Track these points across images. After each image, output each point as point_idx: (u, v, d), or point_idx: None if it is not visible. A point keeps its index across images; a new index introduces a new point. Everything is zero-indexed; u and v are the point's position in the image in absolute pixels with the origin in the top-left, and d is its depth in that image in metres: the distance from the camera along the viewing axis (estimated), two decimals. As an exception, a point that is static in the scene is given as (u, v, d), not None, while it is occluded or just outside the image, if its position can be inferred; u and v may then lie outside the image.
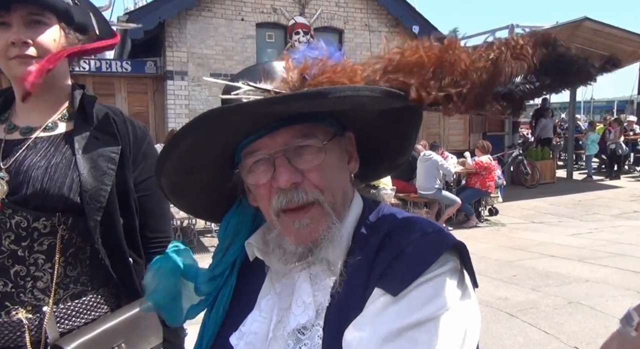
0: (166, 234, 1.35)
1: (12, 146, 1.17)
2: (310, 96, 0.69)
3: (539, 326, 3.79)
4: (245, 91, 0.73)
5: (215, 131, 0.73)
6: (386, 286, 0.69)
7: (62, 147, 1.19)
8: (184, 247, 0.93)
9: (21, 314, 1.12)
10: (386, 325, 0.66)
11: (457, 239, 0.74)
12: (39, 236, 1.13)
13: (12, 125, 1.21)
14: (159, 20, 8.56)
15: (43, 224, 1.13)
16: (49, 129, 1.21)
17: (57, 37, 1.15)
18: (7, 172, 1.13)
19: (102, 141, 1.21)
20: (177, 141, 0.73)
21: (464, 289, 0.73)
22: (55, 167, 1.15)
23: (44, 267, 1.14)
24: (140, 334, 1.20)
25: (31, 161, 1.15)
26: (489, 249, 6.25)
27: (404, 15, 10.09)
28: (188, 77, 9.04)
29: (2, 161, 1.14)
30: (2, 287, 1.11)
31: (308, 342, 0.73)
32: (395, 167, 0.97)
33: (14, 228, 1.11)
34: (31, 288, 1.13)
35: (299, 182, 0.75)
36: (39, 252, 1.13)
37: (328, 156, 0.77)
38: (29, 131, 1.20)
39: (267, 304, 0.81)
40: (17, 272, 1.12)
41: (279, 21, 9.60)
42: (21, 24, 1.11)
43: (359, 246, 0.76)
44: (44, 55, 1.13)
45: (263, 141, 0.76)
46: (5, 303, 1.11)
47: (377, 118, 0.81)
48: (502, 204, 8.91)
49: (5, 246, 1.11)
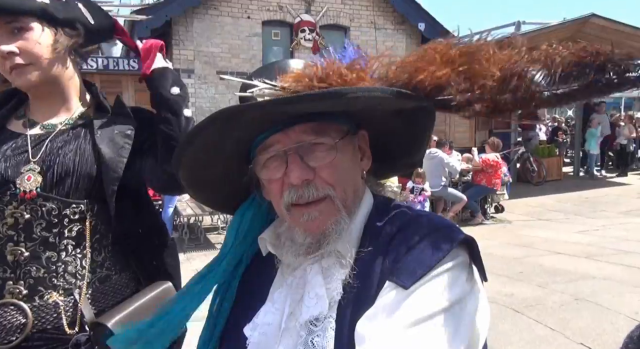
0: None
1: (37, 140, 1.22)
2: (325, 96, 0.71)
3: (545, 323, 3.80)
4: (261, 89, 0.75)
5: (231, 127, 0.75)
6: (398, 280, 0.70)
7: (83, 136, 1.26)
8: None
9: (55, 297, 1.18)
10: (398, 318, 0.68)
11: (467, 235, 0.76)
12: (69, 223, 1.20)
13: (31, 121, 1.26)
14: (165, 18, 8.60)
15: (72, 210, 1.20)
16: (68, 125, 1.27)
17: (41, 39, 1.16)
18: (37, 164, 1.19)
19: (119, 120, 1.29)
20: (194, 135, 0.76)
21: (474, 283, 0.75)
22: (81, 151, 1.22)
23: (73, 252, 1.21)
24: None
25: (59, 152, 1.21)
26: (495, 246, 6.24)
27: (410, 12, 10.06)
28: (195, 75, 9.08)
29: (32, 153, 1.19)
30: (35, 272, 1.17)
31: (320, 333, 0.75)
32: (411, 166, 0.99)
33: (46, 215, 1.17)
34: (62, 273, 1.19)
35: (310, 179, 0.77)
36: (68, 238, 1.20)
37: (340, 154, 0.79)
38: (50, 127, 1.26)
39: (280, 296, 0.83)
40: (48, 258, 1.18)
41: (285, 19, 9.60)
42: (3, 34, 1.13)
43: (371, 241, 0.78)
44: (34, 60, 1.15)
45: (277, 138, 0.78)
46: (39, 287, 1.18)
47: (391, 117, 0.83)
48: (508, 201, 8.89)
49: (37, 233, 1.17)
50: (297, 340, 0.76)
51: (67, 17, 1.20)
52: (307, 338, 0.75)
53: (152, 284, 1.31)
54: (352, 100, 0.70)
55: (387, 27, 10.23)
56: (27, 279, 1.17)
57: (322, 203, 0.78)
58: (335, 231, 0.78)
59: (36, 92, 1.25)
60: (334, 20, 9.90)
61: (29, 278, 1.17)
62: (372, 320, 0.70)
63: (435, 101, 0.77)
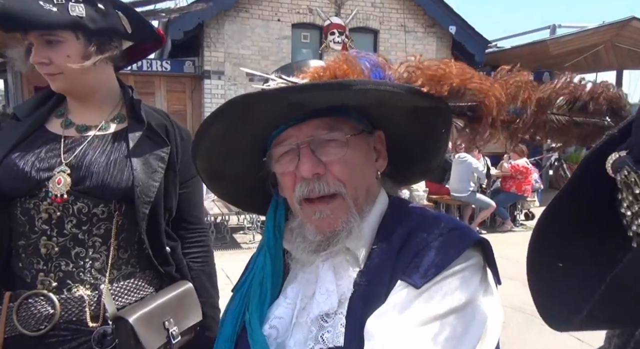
0: (202, 224, 1.52)
1: (70, 143, 1.28)
2: (332, 87, 0.72)
3: (574, 334, 3.69)
4: (277, 83, 0.77)
5: (244, 118, 0.76)
6: (409, 279, 0.71)
7: (117, 144, 1.29)
8: None
9: (82, 291, 1.24)
10: (408, 316, 0.68)
11: (481, 236, 0.76)
12: (98, 221, 1.25)
13: (68, 120, 1.32)
14: (198, 21, 8.77)
15: (101, 210, 1.25)
16: (103, 129, 1.32)
17: (71, 52, 1.21)
18: (69, 166, 1.24)
19: (154, 141, 1.32)
20: (208, 124, 0.78)
21: (487, 285, 0.74)
22: (113, 164, 1.26)
23: (100, 249, 1.26)
24: (184, 312, 1.32)
25: (91, 157, 1.26)
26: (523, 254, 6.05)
27: (440, 15, 9.95)
28: (225, 76, 9.22)
29: (64, 155, 1.25)
30: (65, 266, 1.23)
31: (331, 329, 0.75)
32: (428, 171, 0.99)
33: (76, 213, 1.23)
34: (89, 268, 1.25)
35: (321, 174, 0.78)
36: (96, 235, 1.25)
37: (351, 150, 0.79)
38: (84, 129, 1.30)
39: (292, 292, 0.84)
40: (77, 253, 1.24)
41: (314, 22, 9.65)
42: (39, 44, 1.20)
43: (384, 240, 0.79)
44: (63, 71, 1.22)
45: (290, 132, 0.80)
46: (67, 281, 1.23)
47: (407, 119, 0.83)
48: (539, 208, 8.66)
49: (68, 230, 1.23)
50: (307, 335, 0.77)
51: (102, 27, 1.23)
52: (318, 333, 0.76)
53: (173, 284, 1.35)
54: (361, 92, 0.70)
55: (417, 30, 10.14)
56: (57, 272, 1.23)
57: (334, 201, 0.79)
58: (346, 229, 0.79)
59: (70, 95, 1.32)
60: (363, 23, 9.89)
61: (58, 271, 1.23)
62: (382, 318, 0.70)
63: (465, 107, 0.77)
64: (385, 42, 10.02)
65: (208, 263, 1.48)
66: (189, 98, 9.76)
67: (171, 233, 1.39)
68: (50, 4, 1.15)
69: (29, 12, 1.13)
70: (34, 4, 1.14)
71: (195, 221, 1.46)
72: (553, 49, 10.04)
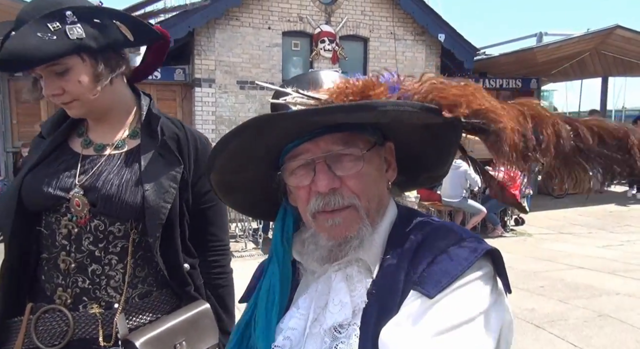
0: (223, 242, 1.43)
1: (88, 163, 1.27)
2: (355, 109, 0.72)
3: (567, 339, 3.71)
4: (294, 97, 0.77)
5: (264, 134, 0.77)
6: (422, 289, 0.71)
7: (130, 163, 1.27)
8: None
9: (96, 309, 1.22)
10: (422, 327, 0.68)
11: (492, 246, 0.76)
12: (114, 239, 1.23)
13: (88, 140, 1.31)
14: (188, 29, 8.77)
15: (118, 228, 1.23)
16: (119, 147, 1.30)
17: (81, 76, 1.18)
18: (82, 188, 1.22)
19: (167, 159, 1.28)
20: (229, 140, 0.78)
21: (498, 294, 0.75)
22: (125, 185, 1.23)
23: (116, 267, 1.24)
24: (198, 335, 1.28)
25: (105, 177, 1.24)
26: (515, 260, 6.13)
27: (429, 23, 10.05)
28: (215, 84, 9.21)
29: (79, 176, 1.24)
30: (81, 283, 1.22)
31: (345, 340, 0.75)
32: (434, 179, 1.00)
33: (93, 230, 1.22)
34: (105, 286, 1.23)
35: (337, 188, 0.79)
36: (113, 253, 1.23)
37: (366, 165, 0.80)
38: (101, 148, 1.29)
39: (305, 302, 0.84)
40: (93, 270, 1.22)
41: (305, 29, 9.70)
42: (47, 76, 1.16)
43: (395, 250, 0.79)
44: (78, 96, 1.19)
45: (306, 146, 0.80)
46: (83, 298, 1.22)
47: (418, 131, 0.84)
48: (529, 214, 8.74)
49: (85, 246, 1.22)
50: (321, 346, 0.77)
51: (105, 42, 1.18)
52: (332, 344, 0.76)
53: (189, 305, 1.30)
54: (382, 113, 0.72)
55: (406, 38, 10.23)
56: (74, 288, 1.22)
57: (346, 210, 0.80)
58: (357, 237, 0.79)
59: (88, 118, 1.31)
60: (353, 31, 9.95)
61: (75, 287, 1.22)
62: (396, 328, 0.70)
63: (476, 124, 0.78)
64: (375, 50, 10.09)
65: (222, 285, 1.41)
66: (180, 106, 9.73)
67: (191, 249, 1.34)
68: (48, 33, 1.11)
69: (30, 49, 1.08)
70: (33, 38, 1.09)
71: (212, 238, 1.39)
72: (540, 57, 10.19)
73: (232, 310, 1.44)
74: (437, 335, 0.67)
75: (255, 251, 6.98)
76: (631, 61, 10.83)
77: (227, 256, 1.44)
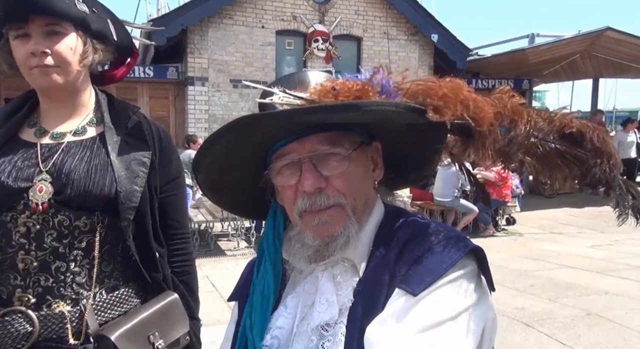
0: (186, 229, 1.45)
1: (47, 150, 1.22)
2: (340, 108, 0.73)
3: (556, 337, 3.75)
4: (281, 97, 0.78)
5: (250, 133, 0.78)
6: (407, 287, 0.72)
7: (96, 150, 1.24)
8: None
9: (62, 307, 1.18)
10: (406, 324, 0.69)
11: (475, 244, 0.77)
12: (79, 234, 1.20)
13: (42, 129, 1.26)
14: (181, 27, 8.73)
15: (84, 222, 1.20)
16: (78, 133, 1.26)
17: (74, 45, 1.18)
18: (49, 174, 1.18)
19: (134, 145, 1.27)
20: (214, 140, 0.79)
21: (482, 292, 0.76)
22: (94, 170, 1.21)
23: (82, 263, 1.21)
24: (170, 324, 1.28)
25: (71, 164, 1.20)
26: (506, 259, 6.18)
27: (423, 23, 10.09)
28: (208, 83, 9.19)
29: (42, 163, 1.19)
30: (44, 282, 1.18)
31: (331, 338, 0.76)
32: (422, 178, 1.01)
33: (57, 226, 1.17)
34: (71, 283, 1.19)
35: (323, 187, 0.80)
36: (78, 249, 1.20)
37: (353, 164, 0.81)
38: (59, 136, 1.25)
39: (292, 302, 0.84)
40: (57, 268, 1.18)
41: (298, 29, 9.69)
42: (39, 34, 1.14)
43: (381, 248, 0.80)
44: (62, 64, 1.17)
45: (292, 146, 0.80)
46: (47, 296, 1.18)
47: (404, 130, 0.85)
48: (520, 213, 8.81)
49: (48, 243, 1.17)
50: (308, 344, 0.78)
51: (99, 29, 1.22)
52: (318, 343, 0.77)
53: (158, 296, 1.30)
54: (367, 113, 0.73)
55: (400, 38, 10.26)
56: (36, 287, 1.17)
57: (332, 209, 0.81)
58: (344, 235, 0.80)
59: (51, 96, 1.25)
60: (347, 30, 9.96)
61: (37, 286, 1.17)
62: (381, 326, 0.71)
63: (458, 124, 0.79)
64: (369, 49, 10.11)
65: (189, 272, 1.43)
66: (172, 104, 9.69)
67: (160, 238, 1.34)
68: None
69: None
70: None
71: (176, 225, 1.40)
72: (532, 58, 10.26)
73: (197, 296, 1.46)
74: (421, 332, 0.68)
75: (247, 250, 6.98)
76: (621, 63, 10.94)
77: (190, 243, 1.45)
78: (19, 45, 1.16)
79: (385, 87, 0.80)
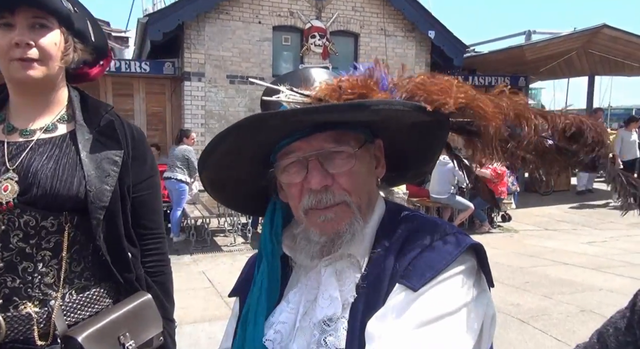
0: (160, 229, 1.41)
1: (15, 148, 1.19)
2: (350, 108, 0.74)
3: (551, 333, 3.78)
4: (287, 95, 0.78)
5: (257, 132, 0.78)
6: (407, 282, 0.73)
7: (65, 148, 1.22)
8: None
9: (29, 308, 1.15)
10: (406, 319, 0.70)
11: (475, 241, 0.78)
12: (47, 234, 1.17)
13: (10, 126, 1.23)
14: (178, 22, 8.69)
15: (51, 222, 1.17)
16: (49, 131, 1.24)
17: (57, 41, 1.18)
18: (16, 173, 1.16)
19: (105, 144, 1.25)
20: (222, 139, 0.79)
21: (481, 287, 0.77)
22: (62, 169, 1.18)
23: (50, 263, 1.18)
24: (142, 325, 1.26)
25: (38, 163, 1.17)
26: (502, 255, 6.22)
27: (419, 20, 10.09)
28: (205, 78, 9.16)
29: (9, 162, 1.17)
30: (11, 282, 1.15)
31: (333, 333, 0.77)
32: (421, 175, 1.02)
33: (23, 227, 1.15)
34: (38, 283, 1.17)
35: (329, 185, 0.80)
36: (46, 249, 1.17)
37: (358, 162, 0.82)
38: (29, 133, 1.22)
39: (295, 297, 0.85)
40: (25, 268, 1.16)
41: (295, 24, 9.67)
42: (25, 26, 1.13)
43: (382, 244, 0.80)
44: (45, 58, 1.15)
45: (298, 144, 0.81)
46: (14, 297, 1.15)
47: (407, 128, 0.86)
48: (516, 210, 8.85)
49: (14, 244, 1.15)
50: (310, 339, 0.79)
51: (80, 28, 1.23)
52: (320, 337, 0.78)
53: (130, 296, 1.27)
54: (375, 112, 0.73)
55: (397, 34, 10.26)
56: (2, 289, 1.14)
57: (338, 206, 0.81)
58: (349, 231, 0.81)
59: (26, 91, 1.22)
60: (344, 26, 9.95)
61: (4, 287, 1.15)
62: (382, 320, 0.72)
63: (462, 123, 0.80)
64: (366, 45, 10.10)
65: (163, 272, 1.40)
66: (169, 100, 9.66)
67: (133, 238, 1.31)
68: None
69: None
70: None
71: (150, 225, 1.37)
72: (529, 55, 10.29)
73: (172, 297, 1.44)
74: (420, 327, 0.69)
75: (244, 246, 6.99)
76: (617, 60, 10.98)
77: (164, 243, 1.42)
78: (0, 35, 1.13)
79: (385, 84, 0.80)
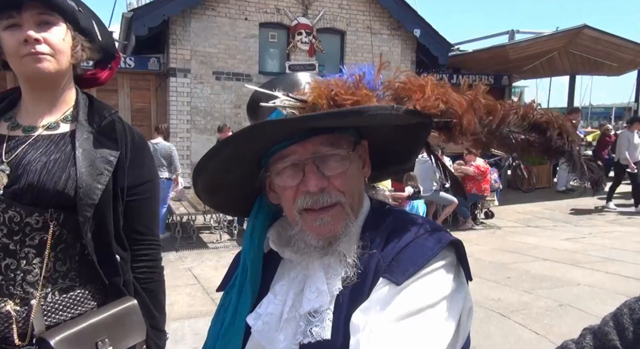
0: (155, 236, 1.39)
1: (14, 142, 1.21)
2: (348, 114, 0.78)
3: (530, 327, 3.89)
4: (282, 100, 0.82)
5: (256, 138, 0.82)
6: (391, 276, 0.77)
7: (62, 145, 1.22)
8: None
9: (9, 306, 1.13)
10: (389, 311, 0.74)
11: (455, 237, 0.83)
12: (31, 231, 1.15)
13: (15, 123, 1.24)
14: (163, 17, 8.61)
15: (36, 219, 1.15)
16: (51, 128, 1.24)
17: (64, 37, 1.19)
18: (9, 165, 1.16)
19: (103, 143, 1.25)
20: (222, 147, 0.83)
21: (460, 282, 0.82)
22: (53, 163, 1.18)
23: (34, 261, 1.16)
24: (124, 331, 1.23)
25: (32, 156, 1.18)
26: (484, 252, 6.34)
27: (405, 18, 10.15)
28: (191, 74, 9.10)
29: (5, 155, 1.17)
30: None
31: (319, 323, 0.81)
32: (401, 172, 1.07)
33: (7, 222, 1.13)
34: (21, 281, 1.15)
35: (325, 187, 0.84)
36: (30, 246, 1.16)
37: (351, 164, 0.86)
38: (31, 130, 1.23)
39: (282, 289, 0.89)
40: (7, 265, 1.14)
41: (282, 21, 9.66)
42: (32, 23, 1.15)
43: (367, 240, 0.85)
44: (55, 52, 1.17)
45: (294, 148, 0.84)
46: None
47: (391, 129, 0.91)
48: (498, 207, 9.01)
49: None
50: (296, 329, 0.83)
51: (86, 27, 1.24)
52: (306, 328, 0.82)
53: (115, 301, 1.24)
54: (371, 117, 0.78)
55: (383, 32, 10.32)
56: None
57: (333, 209, 0.85)
58: (345, 233, 0.85)
59: (37, 86, 1.24)
60: (330, 24, 9.97)
61: None
62: (366, 312, 0.76)
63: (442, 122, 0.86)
64: (352, 43, 10.14)
65: (153, 280, 1.36)
66: (154, 96, 9.57)
67: (124, 241, 1.28)
68: None
69: None
70: None
71: (144, 231, 1.34)
72: (512, 54, 10.44)
73: (164, 306, 1.40)
74: (403, 318, 0.74)
75: (230, 242, 6.99)
76: (597, 60, 11.21)
77: (158, 250, 1.39)
78: (9, 36, 1.15)
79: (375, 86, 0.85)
